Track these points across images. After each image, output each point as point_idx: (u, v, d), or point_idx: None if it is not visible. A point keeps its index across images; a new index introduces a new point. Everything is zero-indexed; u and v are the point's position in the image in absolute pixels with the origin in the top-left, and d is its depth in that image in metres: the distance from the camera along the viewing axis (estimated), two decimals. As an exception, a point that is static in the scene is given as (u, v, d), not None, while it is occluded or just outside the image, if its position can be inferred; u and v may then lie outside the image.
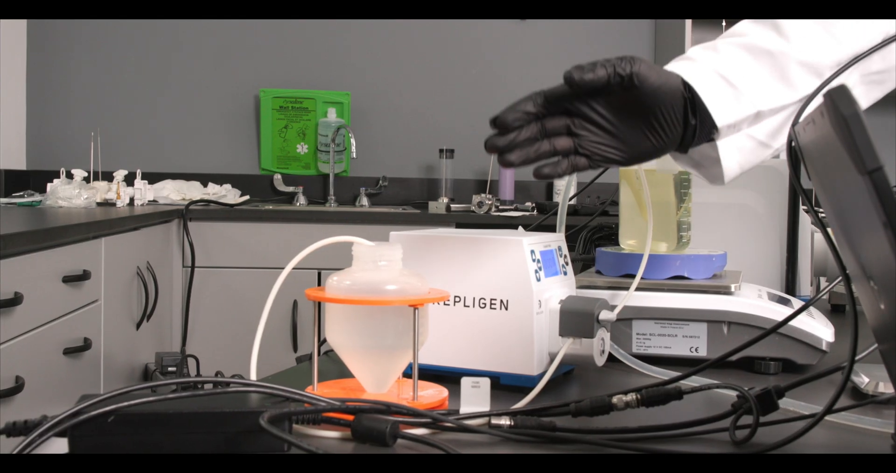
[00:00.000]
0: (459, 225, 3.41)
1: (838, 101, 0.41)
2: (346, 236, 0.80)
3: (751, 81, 0.85)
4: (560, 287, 0.90)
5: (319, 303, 0.79)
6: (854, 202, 0.46)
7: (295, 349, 3.24)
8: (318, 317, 0.80)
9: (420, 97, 4.12)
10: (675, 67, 0.85)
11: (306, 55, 4.05)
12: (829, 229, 0.68)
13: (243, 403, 0.68)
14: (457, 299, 0.87)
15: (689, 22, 3.81)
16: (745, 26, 0.90)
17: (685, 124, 0.83)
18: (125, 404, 0.64)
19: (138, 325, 2.72)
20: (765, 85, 0.86)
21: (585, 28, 4.16)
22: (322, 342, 0.87)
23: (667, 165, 1.07)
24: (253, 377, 0.79)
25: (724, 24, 3.99)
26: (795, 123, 0.59)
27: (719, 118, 0.83)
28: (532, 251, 0.86)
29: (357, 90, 4.06)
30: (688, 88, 0.83)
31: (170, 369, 2.50)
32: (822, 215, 0.82)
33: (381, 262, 0.77)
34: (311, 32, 4.03)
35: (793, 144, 0.70)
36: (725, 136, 0.88)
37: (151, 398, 0.65)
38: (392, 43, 4.09)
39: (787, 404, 0.77)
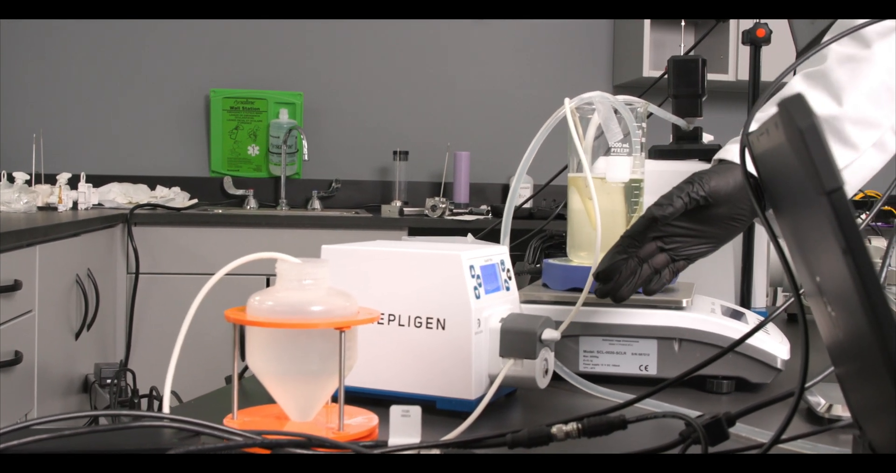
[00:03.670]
0: (412, 230, 3.35)
1: (794, 111, 0.35)
2: (268, 253, 0.74)
3: None
4: (502, 304, 0.84)
5: (240, 325, 0.73)
6: (811, 222, 0.41)
7: (243, 357, 3.16)
8: (238, 340, 0.74)
9: (374, 98, 4.05)
10: (736, 153, 0.90)
11: (258, 54, 3.96)
12: (782, 244, 0.64)
13: (150, 439, 0.62)
14: (391, 317, 0.81)
15: (647, 22, 3.80)
16: (801, 88, 0.94)
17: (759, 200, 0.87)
18: (12, 443, 0.58)
19: (77, 335, 2.62)
20: None
21: (543, 28, 4.12)
22: (244, 368, 0.81)
23: (617, 173, 1.03)
24: (166, 407, 0.73)
25: (682, 24, 3.98)
26: (747, 129, 0.55)
27: None
28: (471, 266, 0.81)
29: (310, 91, 3.98)
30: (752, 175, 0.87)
31: (107, 381, 2.40)
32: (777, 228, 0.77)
33: (305, 280, 0.71)
34: (263, 31, 3.95)
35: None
36: None
37: (44, 436, 0.59)
38: (346, 43, 4.02)
39: (740, 430, 0.73)
